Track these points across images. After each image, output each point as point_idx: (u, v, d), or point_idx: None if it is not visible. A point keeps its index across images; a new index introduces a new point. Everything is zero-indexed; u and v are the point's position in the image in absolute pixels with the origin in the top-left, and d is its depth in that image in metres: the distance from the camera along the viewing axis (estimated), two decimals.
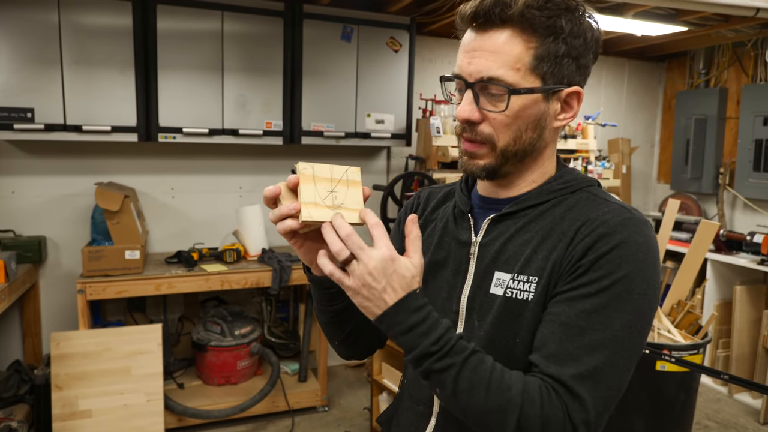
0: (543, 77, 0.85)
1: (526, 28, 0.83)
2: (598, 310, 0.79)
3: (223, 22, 3.05)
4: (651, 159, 4.93)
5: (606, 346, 0.78)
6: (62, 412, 2.66)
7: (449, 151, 3.27)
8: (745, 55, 4.11)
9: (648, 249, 0.82)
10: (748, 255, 3.62)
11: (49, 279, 3.23)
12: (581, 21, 0.85)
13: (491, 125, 0.87)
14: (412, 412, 1.00)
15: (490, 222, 0.93)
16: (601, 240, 0.82)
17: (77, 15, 2.80)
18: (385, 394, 2.95)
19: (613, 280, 0.80)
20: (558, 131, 0.92)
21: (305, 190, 0.81)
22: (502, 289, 0.88)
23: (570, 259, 0.83)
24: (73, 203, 3.23)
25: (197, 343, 3.24)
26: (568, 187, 0.92)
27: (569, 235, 0.85)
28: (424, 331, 0.78)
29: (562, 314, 0.81)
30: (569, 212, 0.88)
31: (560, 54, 0.84)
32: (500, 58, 0.83)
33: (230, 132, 3.15)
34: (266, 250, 3.30)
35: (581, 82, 0.89)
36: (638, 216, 0.86)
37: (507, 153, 0.88)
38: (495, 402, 0.76)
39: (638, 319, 0.81)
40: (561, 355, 0.79)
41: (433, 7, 3.39)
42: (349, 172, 0.85)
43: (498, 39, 0.84)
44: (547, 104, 0.87)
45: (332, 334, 1.03)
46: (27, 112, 2.77)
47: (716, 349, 3.76)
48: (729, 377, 2.24)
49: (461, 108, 0.87)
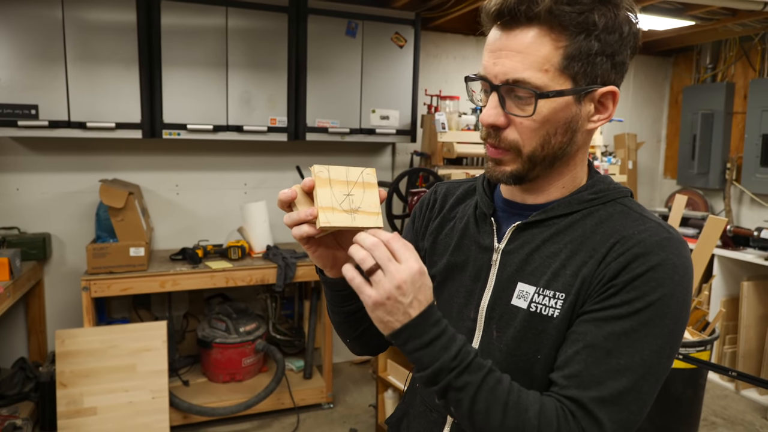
0: (574, 78, 0.79)
1: (555, 26, 0.76)
2: (628, 334, 0.76)
3: (228, 17, 3.04)
4: (657, 154, 4.90)
5: (633, 371, 0.75)
6: (67, 410, 2.66)
7: (454, 147, 3.25)
8: (752, 49, 4.07)
9: (684, 271, 0.78)
10: (756, 250, 3.59)
11: (54, 276, 3.23)
12: (617, 14, 0.78)
13: (517, 130, 0.81)
14: (425, 418, 0.97)
15: (515, 229, 0.89)
16: (636, 260, 0.78)
17: (81, 11, 2.79)
18: (391, 391, 2.94)
19: (646, 303, 0.76)
20: (591, 133, 0.86)
21: (322, 194, 0.78)
22: (525, 302, 0.84)
23: (601, 278, 0.79)
24: (77, 200, 3.22)
25: (202, 340, 3.24)
26: (600, 197, 0.87)
27: (602, 251, 0.81)
28: (444, 345, 0.74)
29: (589, 334, 0.77)
30: (601, 226, 0.84)
31: (593, 52, 0.78)
32: (527, 58, 0.77)
33: (235, 128, 3.14)
34: (271, 246, 3.29)
35: (617, 81, 0.82)
36: (676, 236, 0.81)
37: (535, 159, 0.83)
38: (512, 424, 0.74)
39: (668, 344, 0.77)
40: (585, 377, 0.76)
41: (438, 2, 3.37)
42: (365, 174, 0.82)
43: (524, 38, 0.78)
44: (579, 106, 0.81)
45: (345, 333, 1.01)
46: (31, 109, 2.76)
47: (723, 345, 3.73)
48: (737, 374, 2.22)
49: (486, 112, 0.82)
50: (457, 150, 3.24)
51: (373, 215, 0.80)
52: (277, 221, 3.51)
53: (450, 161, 3.38)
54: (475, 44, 4.04)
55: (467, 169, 3.35)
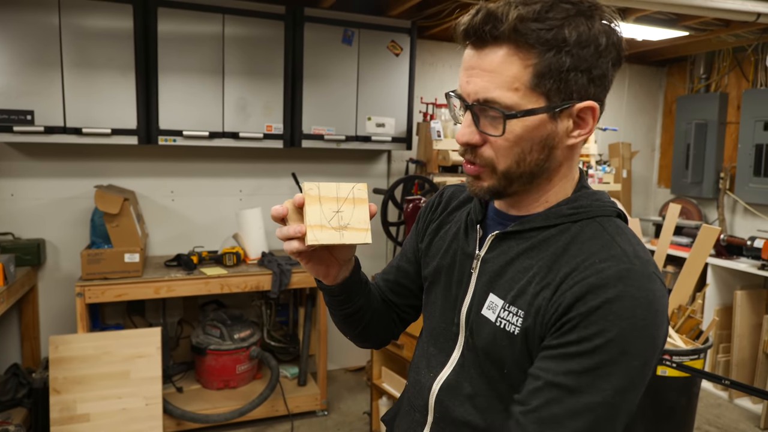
0: (547, 95, 0.77)
1: (522, 44, 0.75)
2: (588, 372, 0.73)
3: (224, 25, 3.05)
4: (651, 163, 4.93)
5: (593, 411, 0.73)
6: (60, 416, 2.64)
7: (450, 155, 3.26)
8: (745, 60, 4.11)
9: (648, 304, 0.74)
10: (749, 260, 3.61)
11: (48, 282, 3.22)
12: (591, 26, 0.76)
13: (492, 148, 0.81)
14: (410, 418, 1.00)
15: (495, 238, 0.90)
16: (591, 292, 0.74)
17: (78, 17, 2.79)
18: (385, 399, 2.94)
19: (605, 339, 0.72)
20: (574, 148, 0.84)
21: (311, 212, 0.80)
22: (493, 314, 0.85)
23: (556, 308, 0.77)
24: (72, 206, 3.22)
25: (196, 346, 3.23)
26: (579, 213, 0.84)
27: (561, 276, 0.79)
28: None
29: (549, 371, 0.75)
30: (570, 247, 0.81)
31: (565, 68, 0.76)
32: (496, 78, 0.77)
33: (230, 135, 3.15)
34: (266, 253, 3.29)
35: (599, 94, 0.80)
36: (638, 268, 0.76)
37: (510, 176, 0.83)
38: None
39: (632, 383, 0.74)
40: (544, 415, 0.74)
41: (434, 11, 3.39)
42: (356, 190, 0.83)
43: (494, 57, 0.77)
44: (554, 123, 0.79)
45: (345, 330, 1.07)
46: (27, 115, 2.76)
47: (717, 354, 3.75)
48: (730, 382, 2.23)
49: (461, 131, 0.83)
50: (452, 158, 3.25)
51: (362, 231, 0.81)
52: (273, 228, 3.51)
53: (445, 169, 3.40)
54: None
55: (462, 176, 3.36)
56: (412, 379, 1.02)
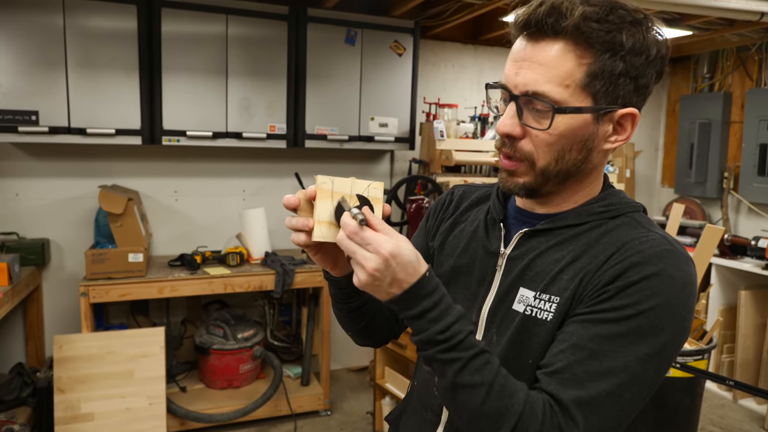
0: (595, 96, 0.78)
1: (581, 42, 0.76)
2: (614, 338, 0.75)
3: (228, 25, 3.06)
4: (655, 163, 4.92)
5: (615, 376, 0.74)
6: (64, 415, 2.65)
7: (453, 155, 3.26)
8: (749, 59, 4.10)
9: (683, 286, 0.76)
10: (753, 260, 3.60)
11: (53, 282, 3.23)
12: (645, 36, 0.77)
13: (532, 142, 0.81)
14: (420, 417, 0.99)
15: (522, 236, 0.89)
16: (632, 268, 0.77)
17: (82, 18, 2.80)
18: (388, 399, 2.94)
19: (637, 311, 0.75)
20: (608, 153, 0.86)
21: (320, 207, 0.78)
22: (524, 306, 0.85)
23: (596, 283, 0.79)
24: (76, 206, 3.23)
25: (200, 346, 3.23)
26: (610, 210, 0.86)
27: (601, 259, 0.80)
28: (434, 318, 0.75)
29: (574, 334, 0.77)
30: (605, 236, 0.83)
31: (617, 72, 0.77)
32: (549, 72, 0.77)
33: (234, 135, 3.15)
34: (269, 253, 3.29)
35: (639, 104, 0.82)
36: (680, 250, 0.79)
37: (548, 173, 0.83)
38: (493, 406, 0.74)
39: (657, 355, 0.75)
40: (566, 375, 0.76)
41: (437, 11, 3.39)
42: (371, 188, 0.80)
43: (549, 51, 0.77)
44: (597, 125, 0.80)
45: (347, 325, 1.03)
46: (31, 115, 2.77)
47: (721, 354, 3.74)
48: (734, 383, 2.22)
49: (502, 121, 0.82)
50: (455, 157, 3.25)
51: None
52: (276, 228, 3.52)
53: (448, 169, 3.40)
54: (473, 53, 4.06)
55: (465, 176, 3.36)
56: (421, 377, 1.01)
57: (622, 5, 0.78)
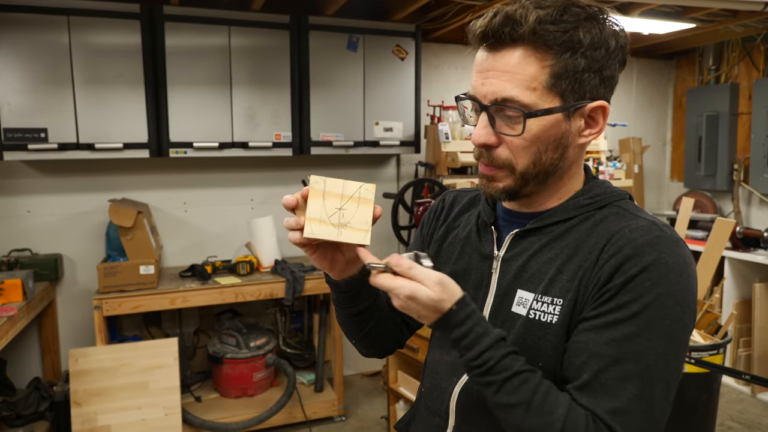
0: (562, 95, 0.80)
1: (540, 46, 0.78)
2: (629, 338, 0.76)
3: (230, 36, 3.08)
4: (663, 157, 4.88)
5: (640, 376, 0.75)
6: (82, 428, 2.67)
7: (458, 157, 3.26)
8: (754, 49, 4.07)
9: (681, 270, 0.78)
10: (766, 252, 3.56)
11: (66, 296, 3.27)
12: (602, 29, 0.80)
13: (509, 148, 0.83)
14: (428, 423, 0.99)
15: (514, 237, 0.90)
16: (628, 262, 0.78)
17: (87, 35, 2.84)
18: (402, 403, 2.94)
19: (642, 305, 0.76)
20: (584, 147, 0.88)
21: (312, 206, 0.81)
22: (525, 309, 0.85)
23: (596, 282, 0.80)
24: (87, 220, 3.26)
25: (213, 355, 3.25)
26: (596, 201, 0.87)
27: (595, 254, 0.81)
28: (467, 346, 0.78)
29: (590, 343, 0.78)
30: (596, 228, 0.84)
31: (580, 69, 0.79)
32: (514, 78, 0.79)
33: (240, 145, 3.17)
34: (279, 261, 3.30)
35: (607, 95, 0.84)
36: (669, 234, 0.80)
37: (527, 175, 0.84)
38: (533, 424, 0.75)
39: (673, 345, 0.77)
40: (594, 386, 0.76)
41: (437, 14, 3.40)
42: (363, 190, 0.83)
43: (511, 59, 0.79)
44: (568, 122, 0.82)
45: (350, 332, 1.04)
46: (40, 132, 2.81)
47: (737, 348, 3.69)
48: (750, 377, 2.20)
49: (476, 133, 0.84)
50: (461, 159, 3.25)
51: (362, 232, 0.82)
52: (285, 236, 3.51)
53: (454, 171, 3.40)
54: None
55: (472, 178, 3.36)
56: (428, 383, 1.01)
57: (575, 2, 0.80)
